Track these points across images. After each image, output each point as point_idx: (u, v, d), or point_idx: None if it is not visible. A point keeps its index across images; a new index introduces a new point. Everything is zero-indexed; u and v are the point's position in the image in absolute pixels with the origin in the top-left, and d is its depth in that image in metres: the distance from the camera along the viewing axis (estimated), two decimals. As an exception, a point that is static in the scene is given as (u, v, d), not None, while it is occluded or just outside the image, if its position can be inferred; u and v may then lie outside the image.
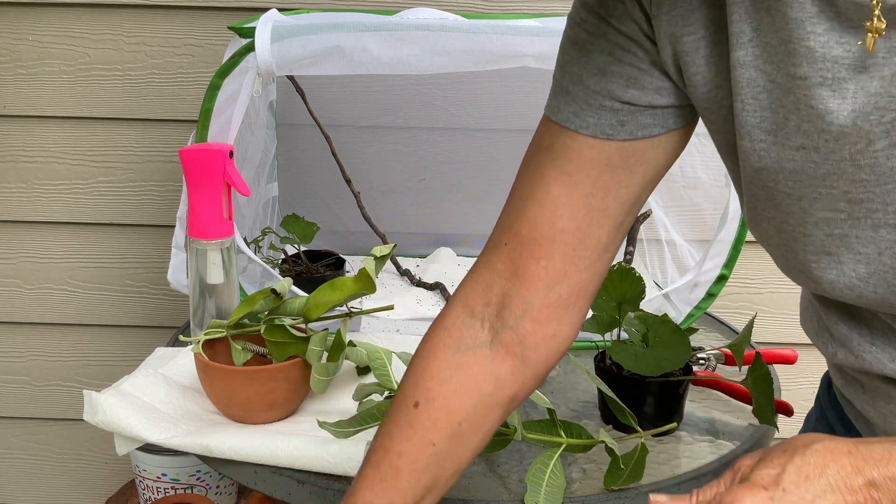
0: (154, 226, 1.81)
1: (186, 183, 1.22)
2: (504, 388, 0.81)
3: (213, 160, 1.19)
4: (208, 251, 1.21)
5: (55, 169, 1.78)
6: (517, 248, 0.80)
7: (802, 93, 0.66)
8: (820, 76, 0.64)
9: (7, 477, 1.99)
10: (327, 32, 1.20)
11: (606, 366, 1.12)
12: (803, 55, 0.65)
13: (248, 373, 1.04)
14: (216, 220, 1.21)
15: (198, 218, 1.21)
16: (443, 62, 1.22)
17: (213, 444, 0.99)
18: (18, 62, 1.73)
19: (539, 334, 0.81)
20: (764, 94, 0.68)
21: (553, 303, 0.80)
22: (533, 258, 0.79)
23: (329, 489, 0.96)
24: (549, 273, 0.79)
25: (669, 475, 1.02)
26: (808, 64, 0.65)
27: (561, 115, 0.78)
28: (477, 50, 1.23)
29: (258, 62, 1.21)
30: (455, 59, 1.22)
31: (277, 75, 1.25)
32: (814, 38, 0.64)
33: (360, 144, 1.72)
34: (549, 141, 0.79)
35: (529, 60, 1.23)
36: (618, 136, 0.76)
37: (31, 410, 1.93)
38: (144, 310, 1.86)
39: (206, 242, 1.21)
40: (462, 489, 0.98)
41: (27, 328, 1.88)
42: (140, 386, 1.09)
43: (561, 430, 0.98)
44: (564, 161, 0.78)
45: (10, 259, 1.83)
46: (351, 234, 1.74)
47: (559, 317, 0.81)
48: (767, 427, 1.12)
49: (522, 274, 0.80)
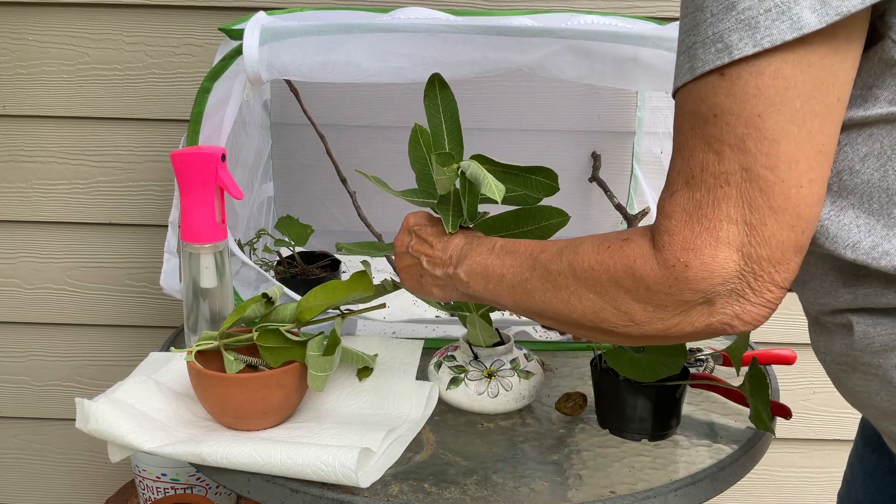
0: (154, 226, 1.81)
1: (178, 187, 1.21)
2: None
3: (205, 163, 1.18)
4: (201, 255, 1.21)
5: (55, 169, 1.78)
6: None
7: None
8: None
9: (7, 477, 1.99)
10: (317, 35, 1.19)
11: (603, 369, 1.12)
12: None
13: (242, 380, 1.03)
14: (209, 224, 1.20)
15: (190, 222, 1.20)
16: (431, 72, 1.21)
17: (206, 452, 0.98)
18: (18, 62, 1.73)
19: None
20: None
21: None
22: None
23: (323, 497, 0.96)
24: None
25: (666, 480, 1.01)
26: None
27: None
28: (468, 61, 1.22)
29: (246, 70, 1.20)
30: (443, 70, 1.22)
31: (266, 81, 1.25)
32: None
33: (356, 144, 1.72)
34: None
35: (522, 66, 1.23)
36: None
37: (31, 410, 1.94)
38: (144, 310, 1.86)
39: (198, 246, 1.21)
40: (457, 499, 0.97)
41: (27, 328, 1.88)
42: (133, 393, 1.09)
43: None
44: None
45: (10, 259, 1.84)
46: (347, 234, 1.73)
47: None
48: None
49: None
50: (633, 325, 0.77)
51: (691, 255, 0.71)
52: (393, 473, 1.01)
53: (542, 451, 1.08)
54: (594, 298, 0.79)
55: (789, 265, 0.70)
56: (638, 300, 0.75)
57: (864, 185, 0.74)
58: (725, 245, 0.70)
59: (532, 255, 0.87)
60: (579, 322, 0.82)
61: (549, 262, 0.84)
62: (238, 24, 1.25)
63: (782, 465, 1.96)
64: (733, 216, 0.69)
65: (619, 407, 1.09)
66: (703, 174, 0.70)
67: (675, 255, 0.71)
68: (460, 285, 0.97)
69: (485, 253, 0.94)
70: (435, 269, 1.00)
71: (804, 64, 0.67)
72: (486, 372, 1.15)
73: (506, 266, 0.90)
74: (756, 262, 0.70)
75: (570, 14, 1.37)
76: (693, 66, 0.70)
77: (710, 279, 0.71)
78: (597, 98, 1.70)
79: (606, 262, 0.77)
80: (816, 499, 1.98)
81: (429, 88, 1.06)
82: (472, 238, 0.99)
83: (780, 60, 0.67)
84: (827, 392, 1.85)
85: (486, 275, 0.92)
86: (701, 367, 1.28)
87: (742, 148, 0.68)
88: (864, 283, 0.78)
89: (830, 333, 0.84)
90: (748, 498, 1.99)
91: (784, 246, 0.69)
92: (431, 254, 1.01)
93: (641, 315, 0.76)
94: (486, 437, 1.11)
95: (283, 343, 1.06)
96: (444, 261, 0.99)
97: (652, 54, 1.24)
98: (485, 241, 0.96)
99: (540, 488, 0.99)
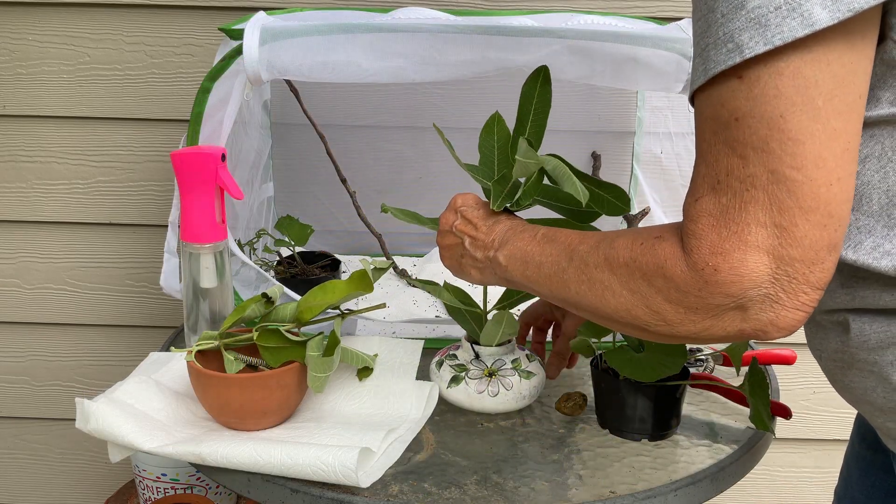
0: (154, 226, 1.81)
1: (178, 187, 1.21)
2: None
3: (205, 163, 1.18)
4: (201, 255, 1.21)
5: (55, 169, 1.78)
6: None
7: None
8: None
9: (7, 477, 1.99)
10: (317, 35, 1.19)
11: (603, 369, 1.12)
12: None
13: (242, 380, 1.03)
14: (209, 224, 1.20)
15: (190, 222, 1.20)
16: (431, 72, 1.21)
17: (205, 452, 0.98)
18: (18, 62, 1.73)
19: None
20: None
21: None
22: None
23: (323, 497, 0.96)
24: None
25: (667, 480, 1.01)
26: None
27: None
28: (468, 61, 1.22)
29: (246, 70, 1.20)
30: (443, 70, 1.22)
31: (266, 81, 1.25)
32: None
33: (356, 144, 1.72)
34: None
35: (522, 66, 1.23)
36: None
37: (31, 410, 1.94)
38: (144, 310, 1.86)
39: (198, 246, 1.21)
40: (457, 499, 0.97)
41: (27, 328, 1.88)
42: (133, 393, 1.09)
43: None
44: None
45: (10, 259, 1.84)
46: (347, 233, 1.74)
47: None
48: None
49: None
50: (664, 325, 0.76)
51: (720, 260, 0.70)
52: (393, 473, 1.01)
53: (542, 451, 1.08)
54: (627, 295, 0.78)
55: (824, 264, 0.70)
56: (669, 301, 0.75)
57: (864, 187, 0.74)
58: (755, 249, 0.69)
59: (571, 246, 0.87)
60: (612, 317, 0.81)
61: (586, 254, 0.84)
62: (238, 24, 1.25)
63: (782, 465, 1.96)
64: (762, 219, 0.68)
65: (619, 407, 1.09)
66: (729, 178, 0.69)
67: (703, 258, 0.71)
68: (499, 269, 0.97)
69: (526, 239, 0.94)
70: (476, 251, 1.01)
71: (823, 62, 0.66)
72: (486, 371, 1.15)
73: (545, 254, 0.90)
74: (789, 264, 0.69)
75: (570, 14, 1.37)
76: (707, 67, 0.69)
77: (740, 283, 0.70)
78: (597, 98, 1.70)
79: (639, 260, 0.77)
80: (816, 499, 1.98)
81: (532, 78, 1.07)
82: (516, 224, 0.99)
83: (798, 60, 0.66)
84: (827, 392, 1.85)
85: (525, 261, 0.93)
86: (701, 367, 1.28)
87: (766, 150, 0.67)
88: (862, 284, 0.78)
89: (826, 331, 0.84)
90: (748, 498, 1.99)
91: (817, 245, 0.69)
92: (475, 235, 1.02)
93: (673, 315, 0.75)
94: (486, 437, 1.11)
95: (283, 343, 1.06)
96: (486, 244, 1.00)
97: (652, 54, 1.24)
98: (528, 229, 0.96)
99: (540, 488, 0.99)
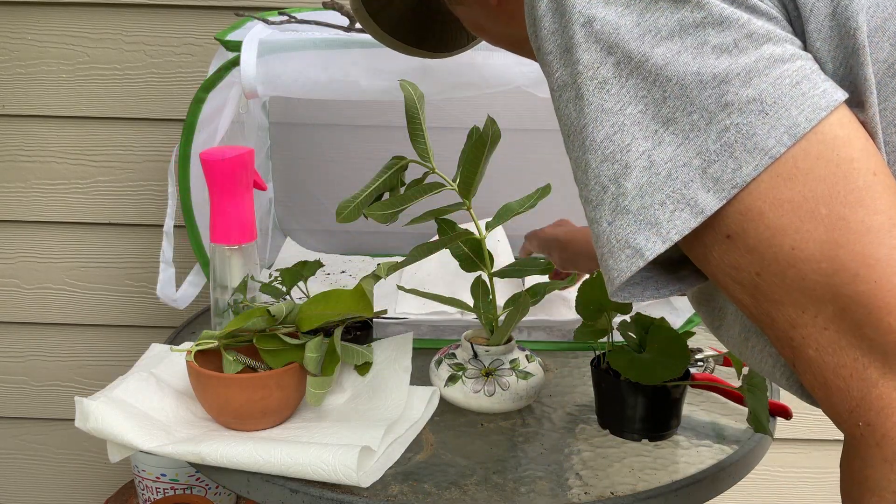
0: (153, 226, 1.81)
1: (210, 189, 1.19)
2: None
3: (244, 164, 1.18)
4: (233, 256, 1.21)
5: (54, 169, 1.78)
6: None
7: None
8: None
9: (6, 477, 1.99)
10: (313, 50, 1.19)
11: (603, 369, 1.12)
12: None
13: (241, 380, 1.03)
14: (243, 224, 1.20)
15: (223, 224, 1.19)
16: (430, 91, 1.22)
17: (205, 452, 0.98)
18: (18, 62, 1.72)
19: None
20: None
21: None
22: None
23: (323, 497, 0.96)
24: None
25: (667, 481, 1.01)
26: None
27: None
28: (464, 83, 1.23)
29: (243, 87, 1.20)
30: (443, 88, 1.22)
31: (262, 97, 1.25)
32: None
33: (356, 144, 1.72)
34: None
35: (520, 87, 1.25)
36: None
37: (30, 411, 1.94)
38: (144, 310, 1.86)
39: (229, 248, 1.21)
40: (457, 499, 0.97)
41: (26, 328, 1.88)
42: (132, 391, 1.09)
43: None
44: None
45: (10, 259, 1.84)
46: (347, 234, 1.73)
47: None
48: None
49: None
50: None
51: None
52: (393, 474, 1.01)
53: (542, 451, 1.08)
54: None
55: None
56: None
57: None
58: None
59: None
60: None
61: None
62: (233, 33, 1.25)
63: (782, 465, 1.96)
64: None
65: (620, 407, 1.09)
66: (795, 331, 0.61)
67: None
68: None
69: None
70: None
71: (800, 176, 0.58)
72: (484, 370, 1.15)
73: None
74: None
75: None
76: (610, 277, 0.64)
77: (836, 419, 0.62)
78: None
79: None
80: (816, 499, 1.98)
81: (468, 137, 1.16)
82: None
83: (768, 188, 0.58)
84: (827, 392, 1.85)
85: None
86: (701, 368, 1.28)
87: (827, 284, 0.58)
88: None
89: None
90: (748, 498, 1.99)
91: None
92: None
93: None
94: (486, 437, 1.11)
95: (283, 346, 1.06)
96: None
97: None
98: None
99: (540, 488, 0.99)
